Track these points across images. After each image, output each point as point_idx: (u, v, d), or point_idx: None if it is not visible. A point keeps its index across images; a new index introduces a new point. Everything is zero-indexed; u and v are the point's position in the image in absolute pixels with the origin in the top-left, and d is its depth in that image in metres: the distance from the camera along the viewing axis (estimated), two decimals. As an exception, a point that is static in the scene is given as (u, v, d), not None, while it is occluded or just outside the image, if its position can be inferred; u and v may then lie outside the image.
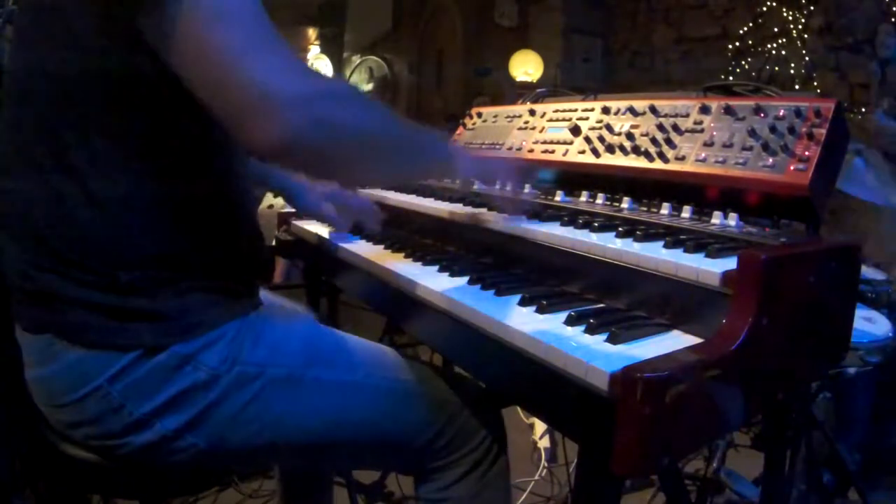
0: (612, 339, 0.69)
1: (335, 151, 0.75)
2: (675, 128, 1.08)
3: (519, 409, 2.11)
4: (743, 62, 4.81)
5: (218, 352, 0.82)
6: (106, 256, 0.78)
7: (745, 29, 4.86)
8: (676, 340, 0.72)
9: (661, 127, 1.09)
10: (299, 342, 0.91)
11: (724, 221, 0.95)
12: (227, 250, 0.87)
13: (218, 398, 0.82)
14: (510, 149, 1.38)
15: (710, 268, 0.73)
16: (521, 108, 1.46)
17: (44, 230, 0.78)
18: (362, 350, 0.99)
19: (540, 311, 0.79)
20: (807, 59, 4.38)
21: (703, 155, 1.00)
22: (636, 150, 1.10)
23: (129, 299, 0.78)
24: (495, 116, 1.53)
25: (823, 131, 0.90)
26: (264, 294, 0.96)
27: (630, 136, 1.13)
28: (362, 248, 1.18)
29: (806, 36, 4.44)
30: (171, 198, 0.80)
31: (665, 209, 1.03)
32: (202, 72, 0.67)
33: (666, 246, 0.83)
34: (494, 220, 1.07)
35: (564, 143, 1.25)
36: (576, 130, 1.23)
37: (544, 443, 2.27)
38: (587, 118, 1.25)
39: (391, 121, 0.86)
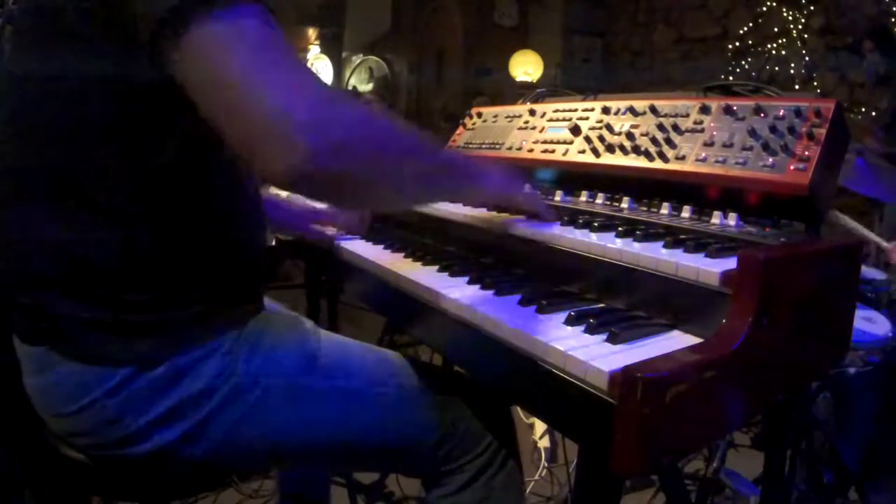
0: (612, 339, 0.69)
1: (355, 177, 0.72)
2: (675, 128, 1.08)
3: (519, 409, 2.11)
4: (743, 62, 4.81)
5: (215, 363, 0.82)
6: (108, 275, 0.76)
7: (745, 29, 4.87)
8: (676, 340, 0.72)
9: (661, 127, 1.09)
10: (296, 351, 0.90)
11: (723, 221, 0.95)
12: (232, 262, 0.86)
13: (215, 409, 0.82)
14: (510, 148, 1.38)
15: (710, 268, 0.73)
16: (521, 108, 1.46)
17: (42, 247, 0.77)
18: (362, 355, 0.98)
19: (540, 310, 0.79)
20: (807, 59, 4.38)
21: (704, 155, 1.00)
22: (636, 150, 1.10)
23: (130, 315, 0.77)
24: (495, 116, 1.52)
25: (823, 131, 0.90)
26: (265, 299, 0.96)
27: (630, 136, 1.13)
28: (362, 249, 1.18)
29: (806, 36, 4.44)
30: (176, 213, 0.79)
31: (665, 209, 1.03)
32: (215, 96, 0.66)
33: (666, 246, 0.83)
34: (495, 220, 1.07)
35: (564, 142, 1.25)
36: (576, 130, 1.23)
37: (544, 443, 2.27)
38: (587, 118, 1.25)
39: (414, 142, 0.81)
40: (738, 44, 4.88)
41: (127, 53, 0.69)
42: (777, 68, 4.57)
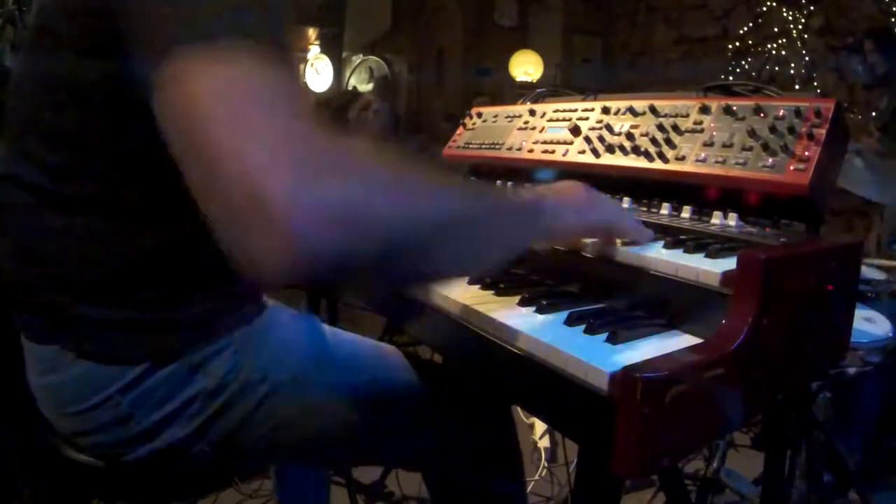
0: (612, 339, 0.69)
1: (375, 257, 0.53)
2: (675, 128, 1.08)
3: (519, 409, 2.11)
4: (743, 62, 4.82)
5: (225, 360, 0.82)
6: (120, 274, 0.76)
7: (745, 29, 4.87)
8: (676, 340, 0.72)
9: (661, 127, 1.09)
10: (303, 345, 0.91)
11: (724, 221, 0.95)
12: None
13: (224, 405, 0.82)
14: (510, 149, 1.38)
15: (710, 268, 0.73)
16: (521, 108, 1.46)
17: (52, 249, 0.76)
18: (366, 351, 0.99)
19: (540, 311, 0.79)
20: (807, 59, 4.39)
21: (703, 155, 1.00)
22: (636, 150, 1.10)
23: (143, 314, 0.77)
24: (495, 116, 1.52)
25: (823, 131, 0.90)
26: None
27: (630, 136, 1.13)
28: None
29: (806, 36, 4.45)
30: (184, 211, 0.76)
31: (665, 209, 1.03)
32: (184, 154, 0.52)
33: (666, 246, 0.83)
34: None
35: (564, 143, 1.25)
36: (576, 130, 1.23)
37: (544, 443, 2.27)
38: (587, 118, 1.25)
39: (447, 193, 0.62)
40: (738, 44, 4.88)
41: (122, 65, 0.61)
42: (777, 68, 4.58)
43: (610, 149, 1.15)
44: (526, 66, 5.79)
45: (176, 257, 0.78)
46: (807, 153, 0.89)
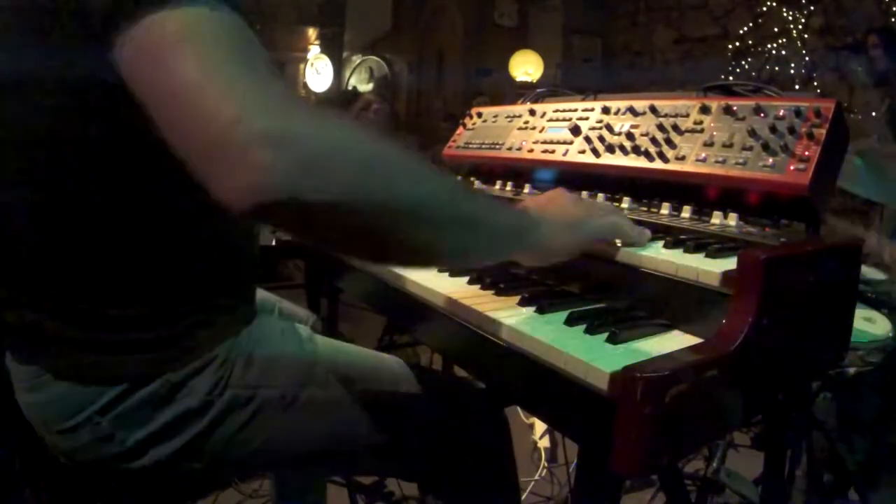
0: (612, 339, 0.69)
1: (337, 207, 0.53)
2: (675, 128, 1.08)
3: (519, 409, 2.11)
4: (743, 62, 4.82)
5: (209, 377, 0.80)
6: (95, 293, 0.75)
7: (745, 29, 4.87)
8: (676, 340, 0.72)
9: (661, 127, 1.09)
10: (293, 360, 0.89)
11: (724, 221, 0.95)
12: (220, 274, 0.83)
13: (211, 424, 0.80)
14: (510, 149, 1.38)
15: (710, 268, 0.73)
16: (521, 108, 1.46)
17: (27, 264, 0.75)
18: (361, 362, 0.97)
19: (540, 311, 0.79)
20: (807, 59, 4.39)
21: (703, 155, 1.00)
22: (636, 150, 1.10)
23: (119, 334, 0.76)
24: (495, 116, 1.52)
25: (823, 131, 0.90)
26: (265, 296, 0.95)
27: (630, 136, 1.13)
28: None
29: (806, 36, 4.45)
30: (161, 227, 0.75)
31: (665, 209, 1.03)
32: (159, 102, 0.55)
33: (666, 246, 0.83)
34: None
35: (564, 143, 1.25)
36: (576, 130, 1.23)
37: (544, 443, 2.27)
38: (587, 118, 1.25)
39: (429, 173, 0.62)
40: (738, 44, 4.89)
41: (97, 55, 0.60)
42: (777, 68, 4.58)
43: (610, 149, 1.15)
44: (526, 66, 5.79)
45: (151, 277, 0.76)
46: (807, 153, 0.89)
